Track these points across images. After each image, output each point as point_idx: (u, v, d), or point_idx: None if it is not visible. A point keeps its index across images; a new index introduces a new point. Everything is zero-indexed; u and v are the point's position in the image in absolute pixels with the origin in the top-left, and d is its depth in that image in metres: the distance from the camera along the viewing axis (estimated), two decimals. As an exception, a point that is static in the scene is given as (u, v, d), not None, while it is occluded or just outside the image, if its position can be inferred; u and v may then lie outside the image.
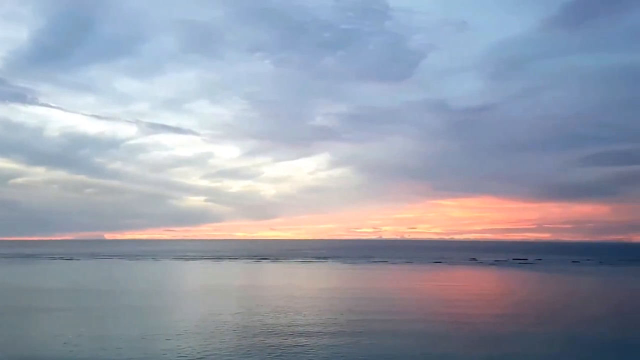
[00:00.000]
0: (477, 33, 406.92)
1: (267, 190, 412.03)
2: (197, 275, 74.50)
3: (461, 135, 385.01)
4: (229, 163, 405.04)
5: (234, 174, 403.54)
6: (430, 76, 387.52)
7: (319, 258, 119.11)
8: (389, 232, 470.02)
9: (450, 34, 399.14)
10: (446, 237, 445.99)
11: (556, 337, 27.95)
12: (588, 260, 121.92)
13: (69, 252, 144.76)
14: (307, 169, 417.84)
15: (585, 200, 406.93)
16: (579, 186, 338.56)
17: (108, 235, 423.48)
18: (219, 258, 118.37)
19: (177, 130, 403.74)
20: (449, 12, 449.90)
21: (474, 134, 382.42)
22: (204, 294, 47.89)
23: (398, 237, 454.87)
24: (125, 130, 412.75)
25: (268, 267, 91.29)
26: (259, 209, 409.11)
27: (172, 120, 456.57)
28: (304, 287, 52.63)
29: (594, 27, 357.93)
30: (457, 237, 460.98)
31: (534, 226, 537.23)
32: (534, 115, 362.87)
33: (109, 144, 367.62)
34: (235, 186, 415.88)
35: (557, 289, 56.96)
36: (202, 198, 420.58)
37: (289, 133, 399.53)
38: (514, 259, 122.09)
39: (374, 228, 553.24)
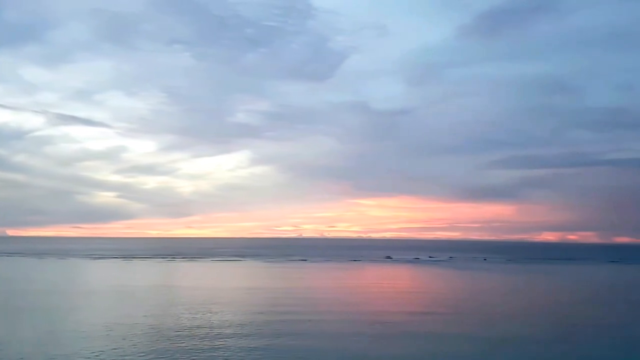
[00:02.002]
0: (397, 38, 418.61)
1: (184, 187, 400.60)
2: (106, 274, 70.91)
3: (381, 136, 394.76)
4: (143, 158, 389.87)
5: (148, 169, 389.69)
6: (351, 78, 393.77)
7: (237, 257, 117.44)
8: (309, 230, 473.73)
9: (371, 37, 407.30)
10: (364, 236, 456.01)
11: (467, 334, 28.82)
12: (496, 258, 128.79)
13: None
14: (227, 166, 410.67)
15: (493, 201, 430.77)
16: (488, 188, 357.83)
17: (10, 232, 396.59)
18: (130, 257, 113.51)
19: (88, 122, 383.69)
20: (370, 16, 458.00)
21: (393, 136, 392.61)
22: (114, 295, 45.56)
23: (318, 236, 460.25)
24: (31, 121, 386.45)
25: (183, 266, 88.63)
26: (175, 207, 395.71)
27: (82, 111, 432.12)
28: (220, 287, 51.44)
29: (506, 37, 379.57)
30: (374, 235, 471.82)
31: (446, 225, 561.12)
32: (449, 120, 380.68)
33: (13, 135, 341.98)
34: (150, 182, 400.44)
35: (469, 287, 59.36)
36: (114, 194, 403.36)
37: (208, 129, 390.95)
38: (429, 257, 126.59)
39: (294, 226, 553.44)
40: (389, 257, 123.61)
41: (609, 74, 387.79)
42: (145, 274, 71.07)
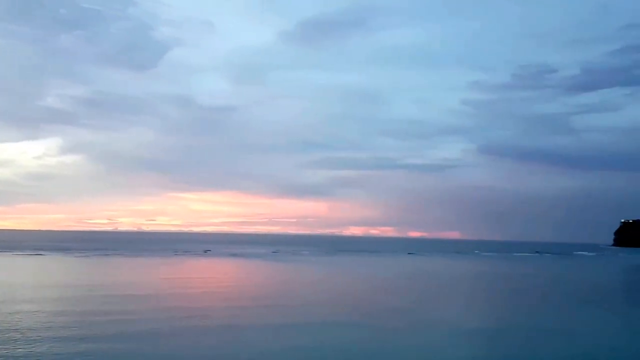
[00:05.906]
0: (223, 36, 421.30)
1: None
2: None
3: (205, 132, 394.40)
4: None
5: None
6: (176, 70, 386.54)
7: (42, 250, 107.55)
8: (126, 223, 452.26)
9: (197, 31, 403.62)
10: (185, 229, 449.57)
11: (288, 324, 30.54)
12: (313, 250, 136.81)
13: None
14: (33, 153, 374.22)
15: (308, 198, 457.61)
16: (304, 186, 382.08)
17: None
18: None
19: None
20: (196, 10, 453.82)
21: (218, 132, 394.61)
22: None
23: (136, 229, 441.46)
24: None
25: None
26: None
27: None
28: (22, 284, 47.21)
29: (325, 46, 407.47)
30: (196, 229, 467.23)
31: (266, 220, 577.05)
32: (271, 120, 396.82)
33: None
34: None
35: (285, 278, 62.62)
36: None
37: (12, 112, 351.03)
38: (248, 251, 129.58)
39: (109, 219, 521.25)
40: (208, 251, 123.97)
41: (410, 89, 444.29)
42: None
